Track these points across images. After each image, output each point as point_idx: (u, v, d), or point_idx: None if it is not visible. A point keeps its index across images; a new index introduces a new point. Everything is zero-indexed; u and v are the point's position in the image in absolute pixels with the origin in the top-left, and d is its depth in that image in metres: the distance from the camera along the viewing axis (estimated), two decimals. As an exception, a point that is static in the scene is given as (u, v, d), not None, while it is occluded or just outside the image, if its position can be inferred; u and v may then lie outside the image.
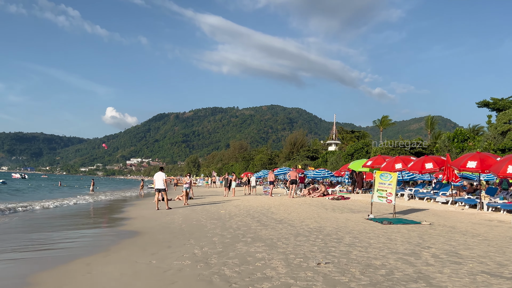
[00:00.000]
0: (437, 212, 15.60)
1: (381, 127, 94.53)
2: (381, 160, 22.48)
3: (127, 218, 14.31)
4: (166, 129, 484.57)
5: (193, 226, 11.21)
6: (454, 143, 55.27)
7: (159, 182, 17.25)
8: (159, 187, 17.25)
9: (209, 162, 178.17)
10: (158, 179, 17.30)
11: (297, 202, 19.80)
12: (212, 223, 11.71)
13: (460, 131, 57.04)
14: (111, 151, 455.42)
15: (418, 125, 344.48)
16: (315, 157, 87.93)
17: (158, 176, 17.36)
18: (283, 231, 10.04)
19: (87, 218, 15.68)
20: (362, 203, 19.30)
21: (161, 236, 9.54)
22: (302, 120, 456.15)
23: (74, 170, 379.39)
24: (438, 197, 18.63)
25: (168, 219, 13.32)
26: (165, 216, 14.22)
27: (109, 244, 8.75)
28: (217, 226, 11.02)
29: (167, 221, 12.75)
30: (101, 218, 15.88)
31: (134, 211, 17.80)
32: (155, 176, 17.46)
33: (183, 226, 11.25)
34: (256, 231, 10.05)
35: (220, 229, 10.37)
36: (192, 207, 17.81)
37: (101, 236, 10.73)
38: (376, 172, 13.98)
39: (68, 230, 11.55)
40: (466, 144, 53.63)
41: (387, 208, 16.28)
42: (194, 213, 15.23)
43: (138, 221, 13.31)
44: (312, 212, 15.00)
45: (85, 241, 9.70)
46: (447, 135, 59.64)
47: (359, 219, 13.00)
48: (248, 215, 14.14)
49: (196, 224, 11.76)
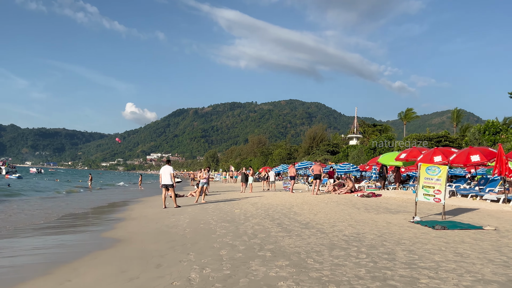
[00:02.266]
0: (490, 212, 13.09)
1: (405, 120, 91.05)
2: (417, 153, 19.94)
3: (123, 219, 12.26)
4: (185, 124, 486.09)
5: (199, 231, 9.08)
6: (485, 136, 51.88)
7: (165, 177, 15.23)
8: (165, 182, 15.22)
9: (228, 157, 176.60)
10: (164, 173, 15.29)
11: (322, 200, 17.51)
12: (222, 227, 9.56)
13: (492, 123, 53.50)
14: (131, 146, 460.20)
15: (440, 119, 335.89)
16: (336, 152, 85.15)
17: (165, 170, 15.34)
18: (312, 239, 7.81)
19: (79, 219, 13.69)
20: (397, 201, 16.88)
21: (154, 247, 7.41)
22: (321, 115, 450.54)
23: (96, 165, 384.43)
24: (486, 195, 16.06)
25: (172, 220, 11.23)
26: (170, 217, 12.15)
27: (77, 258, 6.68)
28: (229, 232, 8.86)
29: (170, 223, 10.66)
30: (93, 219, 13.61)
31: (138, 209, 15.81)
32: (161, 171, 15.45)
33: (187, 231, 9.13)
34: (277, 239, 7.85)
35: (231, 236, 8.21)
36: (203, 206, 15.70)
37: (72, 246, 8.23)
38: (421, 166, 11.58)
39: (44, 236, 9.58)
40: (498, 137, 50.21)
41: (430, 208, 13.86)
42: (204, 212, 13.12)
43: (136, 223, 11.24)
44: (342, 213, 12.70)
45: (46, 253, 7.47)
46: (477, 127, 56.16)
47: (402, 222, 10.67)
48: (266, 216, 11.95)
49: (203, 228, 9.62)
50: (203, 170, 18.59)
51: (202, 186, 17.59)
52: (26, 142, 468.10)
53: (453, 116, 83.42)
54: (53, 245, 8.16)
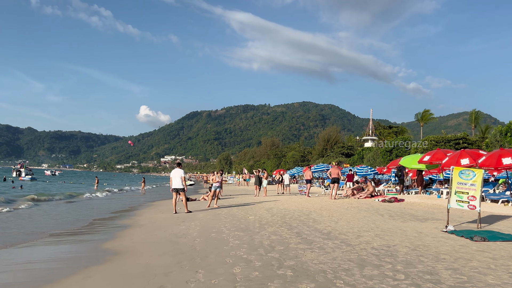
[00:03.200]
0: (528, 220, 11.98)
1: (422, 122, 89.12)
2: (442, 155, 18.81)
3: (129, 226, 11.47)
4: (199, 127, 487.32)
5: (210, 242, 8.23)
6: (507, 138, 50.16)
7: (176, 180, 14.44)
8: (176, 186, 14.43)
9: (241, 159, 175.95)
10: (175, 177, 14.50)
11: (342, 205, 16.53)
12: (236, 237, 8.70)
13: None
14: (145, 148, 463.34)
15: (456, 121, 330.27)
16: (351, 154, 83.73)
17: (175, 173, 14.55)
18: (338, 254, 6.89)
19: (85, 226, 12.95)
20: (422, 206, 15.81)
21: (159, 261, 6.56)
22: (335, 117, 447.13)
23: (111, 167, 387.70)
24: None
25: (182, 228, 10.41)
26: (180, 224, 11.34)
27: (67, 276, 5.87)
28: (243, 243, 7.99)
29: (179, 231, 9.83)
30: (98, 226, 12.50)
31: (147, 214, 15.05)
32: (171, 174, 14.66)
33: (197, 242, 8.28)
34: (297, 253, 6.95)
35: (246, 249, 7.33)
36: (215, 211, 14.86)
37: (67, 260, 7.21)
38: (454, 169, 10.56)
39: (44, 246, 8.83)
40: (521, 138, 48.52)
41: (461, 215, 12.81)
42: (216, 219, 12.28)
43: (142, 231, 10.43)
44: (365, 220, 11.73)
45: (37, 268, 6.60)
46: (498, 129, 54.41)
47: (434, 231, 9.66)
48: (283, 223, 11.05)
49: (215, 237, 8.77)
50: (216, 174, 17.73)
51: (215, 190, 16.76)
52: (42, 145, 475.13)
53: (471, 117, 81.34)
54: (47, 258, 7.38)
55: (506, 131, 51.46)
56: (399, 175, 21.94)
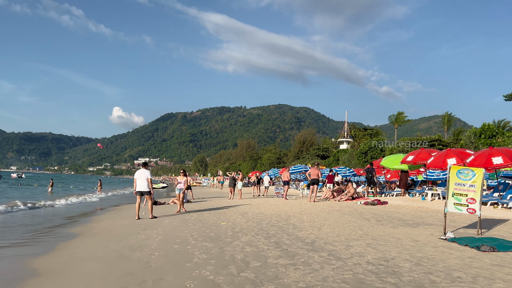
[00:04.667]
0: (525, 224, 10.97)
1: (396, 124, 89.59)
2: (426, 155, 17.83)
3: (80, 235, 9.73)
4: (174, 129, 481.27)
5: (170, 256, 6.74)
6: (481, 139, 50.40)
7: (141, 182, 12.82)
8: (141, 189, 12.80)
9: (217, 162, 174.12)
10: (140, 178, 12.84)
11: (323, 209, 15.25)
12: (203, 249, 7.24)
13: (488, 126, 52.11)
14: (119, 150, 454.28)
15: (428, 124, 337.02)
16: (326, 156, 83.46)
17: (141, 174, 12.91)
18: (327, 271, 5.53)
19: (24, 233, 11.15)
20: (408, 209, 14.70)
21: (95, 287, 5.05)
22: (310, 119, 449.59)
23: (82, 169, 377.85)
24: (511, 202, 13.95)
25: (141, 238, 8.86)
26: (140, 232, 9.78)
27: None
28: (211, 257, 6.55)
29: (136, 242, 8.28)
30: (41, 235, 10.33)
31: (106, 220, 13.35)
32: (136, 175, 13.00)
33: (154, 256, 6.78)
34: (277, 271, 5.56)
35: (213, 266, 5.89)
36: (184, 216, 13.32)
37: None
38: (451, 168, 9.39)
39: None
40: (495, 140, 48.77)
41: (453, 219, 11.69)
42: (183, 226, 10.77)
43: (92, 242, 8.77)
44: (351, 226, 10.45)
45: None
46: (473, 130, 54.76)
47: (431, 239, 8.46)
48: (260, 230, 9.65)
49: (177, 250, 7.29)
50: (180, 174, 15.92)
51: (179, 194, 15.00)
52: (11, 147, 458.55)
53: (444, 120, 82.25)
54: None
55: (480, 132, 51.78)
56: (369, 177, 20.81)
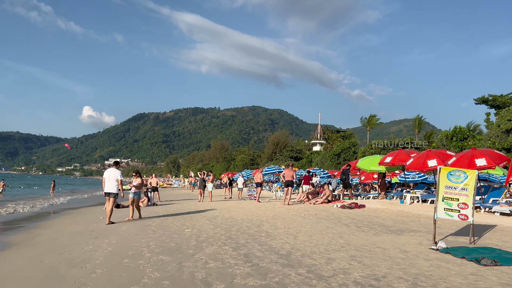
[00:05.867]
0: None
1: (368, 126, 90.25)
2: (405, 156, 17.06)
3: (15, 245, 8.15)
4: (146, 129, 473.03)
5: (114, 276, 5.49)
6: (452, 142, 50.89)
7: (110, 183, 11.43)
8: (108, 190, 11.43)
9: (190, 163, 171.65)
10: (109, 178, 11.45)
11: (298, 213, 14.19)
12: (157, 265, 6.01)
13: (460, 129, 52.70)
14: (89, 150, 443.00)
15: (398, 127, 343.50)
16: (299, 158, 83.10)
17: (110, 174, 11.51)
18: (308, 297, 4.43)
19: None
20: (388, 214, 13.82)
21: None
22: (283, 121, 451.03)
23: (51, 170, 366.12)
24: (495, 207, 13.27)
25: (87, 249, 7.52)
26: (89, 241, 8.43)
27: None
28: (165, 276, 5.34)
29: (80, 255, 6.95)
30: None
31: (56, 225, 11.82)
32: (105, 174, 11.57)
33: (95, 275, 5.51)
34: (245, 296, 4.42)
35: None
36: (144, 222, 11.97)
37: None
38: (441, 169, 8.49)
39: None
40: (466, 143, 49.33)
41: (439, 225, 10.82)
42: (142, 233, 9.47)
43: (26, 253, 7.31)
44: (329, 233, 9.41)
45: None
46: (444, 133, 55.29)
47: (420, 249, 7.51)
48: (228, 239, 8.48)
49: (126, 266, 6.03)
50: (134, 176, 13.24)
51: (133, 198, 12.54)
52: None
53: (415, 123, 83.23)
54: None
55: (452, 135, 52.27)
56: (343, 179, 19.94)
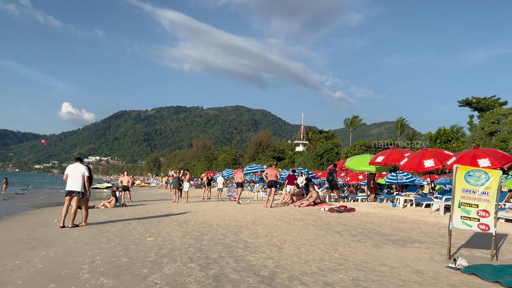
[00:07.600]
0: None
1: (351, 127, 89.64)
2: (399, 155, 15.72)
3: None
4: (127, 127, 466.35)
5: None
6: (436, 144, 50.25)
7: (74, 180, 9.78)
8: (72, 188, 9.77)
9: (171, 162, 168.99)
10: (73, 175, 9.82)
11: (282, 217, 12.64)
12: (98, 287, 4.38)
13: (444, 131, 52.16)
14: (68, 148, 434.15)
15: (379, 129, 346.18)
16: (282, 158, 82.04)
17: (74, 170, 9.87)
18: None
19: None
20: (382, 218, 12.40)
21: None
22: (266, 122, 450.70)
23: (28, 167, 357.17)
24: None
25: (11, 266, 5.81)
26: (21, 254, 6.72)
27: None
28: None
29: (7, 269, 5.27)
30: None
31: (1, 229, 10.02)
32: (68, 170, 9.88)
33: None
34: None
35: None
36: (102, 227, 10.23)
37: None
38: (458, 169, 7.02)
39: None
40: (450, 145, 48.75)
41: (444, 234, 9.43)
42: (92, 242, 7.77)
43: None
44: (321, 243, 7.88)
45: None
46: (428, 135, 54.71)
47: (436, 267, 6.03)
48: (197, 251, 6.86)
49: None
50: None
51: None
52: None
53: (397, 125, 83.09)
54: None
55: (435, 137, 51.61)
56: (330, 179, 18.54)
